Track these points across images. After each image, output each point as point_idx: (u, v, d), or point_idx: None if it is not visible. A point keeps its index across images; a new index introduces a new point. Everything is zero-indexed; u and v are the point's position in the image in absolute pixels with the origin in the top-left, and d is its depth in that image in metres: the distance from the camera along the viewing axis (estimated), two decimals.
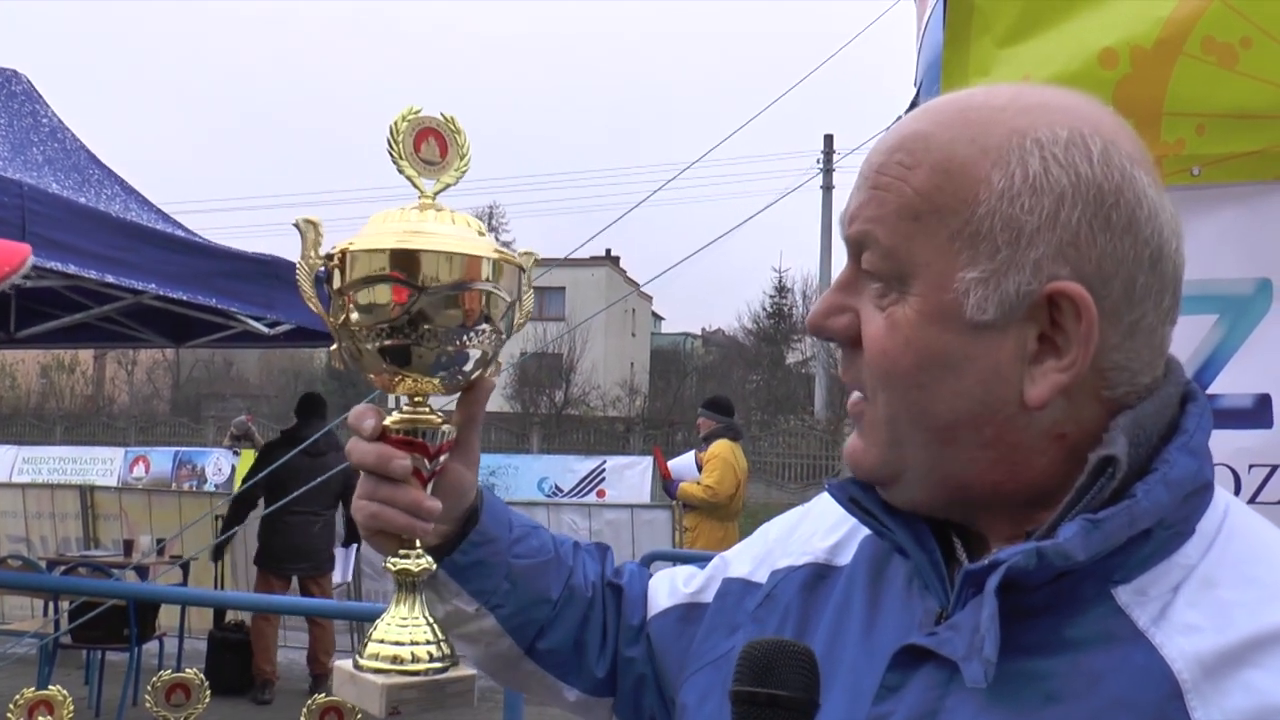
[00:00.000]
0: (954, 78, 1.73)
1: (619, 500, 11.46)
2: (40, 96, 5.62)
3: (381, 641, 0.98)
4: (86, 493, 9.08)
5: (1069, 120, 0.81)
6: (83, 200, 4.68)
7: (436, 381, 0.99)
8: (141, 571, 6.86)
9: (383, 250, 0.94)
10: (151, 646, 6.91)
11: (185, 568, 7.04)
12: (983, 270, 0.79)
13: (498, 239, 1.02)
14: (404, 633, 0.99)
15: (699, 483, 7.77)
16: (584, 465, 13.72)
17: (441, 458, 1.02)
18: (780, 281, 41.60)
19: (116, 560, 7.27)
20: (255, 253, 5.18)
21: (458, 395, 1.06)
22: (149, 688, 1.40)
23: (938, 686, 0.83)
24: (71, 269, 4.15)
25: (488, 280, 0.96)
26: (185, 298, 4.81)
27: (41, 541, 8.91)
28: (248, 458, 13.08)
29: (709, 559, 1.16)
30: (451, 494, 1.05)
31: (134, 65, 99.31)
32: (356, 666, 0.98)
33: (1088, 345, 0.80)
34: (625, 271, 43.97)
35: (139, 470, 16.02)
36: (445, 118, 1.01)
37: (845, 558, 1.01)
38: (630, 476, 12.98)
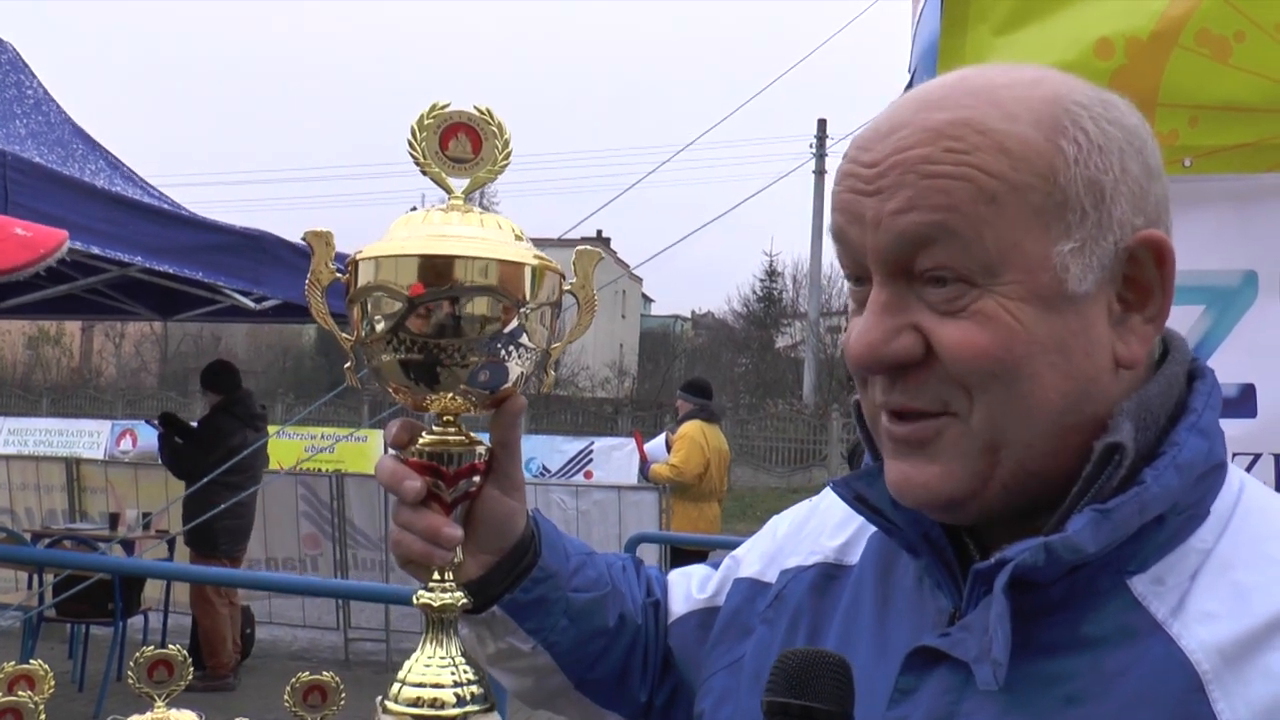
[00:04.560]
0: (950, 65, 1.71)
1: (606, 481, 11.52)
2: (26, 67, 5.53)
3: (412, 684, 0.91)
4: (72, 465, 9.05)
5: (1073, 82, 0.82)
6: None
7: (461, 400, 0.91)
8: (127, 545, 6.84)
9: (408, 256, 0.86)
10: (136, 621, 6.90)
11: (170, 543, 7.02)
12: (1077, 239, 0.77)
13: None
14: (436, 673, 0.91)
15: (667, 463, 7.81)
16: (572, 446, 13.75)
17: (466, 482, 0.95)
18: (771, 265, 41.63)
19: (102, 534, 7.24)
20: (243, 227, 5.14)
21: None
22: (131, 664, 1.40)
23: (953, 690, 0.80)
24: None
25: (527, 289, 0.88)
26: (172, 271, 4.78)
27: (26, 514, 8.87)
28: None
29: (692, 541, 1.13)
30: (489, 522, 0.98)
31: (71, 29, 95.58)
32: (385, 710, 0.91)
33: (1168, 291, 0.80)
34: (616, 253, 43.90)
35: (126, 443, 15.98)
36: (481, 111, 0.93)
37: (854, 556, 0.98)
38: (618, 458, 13.01)
